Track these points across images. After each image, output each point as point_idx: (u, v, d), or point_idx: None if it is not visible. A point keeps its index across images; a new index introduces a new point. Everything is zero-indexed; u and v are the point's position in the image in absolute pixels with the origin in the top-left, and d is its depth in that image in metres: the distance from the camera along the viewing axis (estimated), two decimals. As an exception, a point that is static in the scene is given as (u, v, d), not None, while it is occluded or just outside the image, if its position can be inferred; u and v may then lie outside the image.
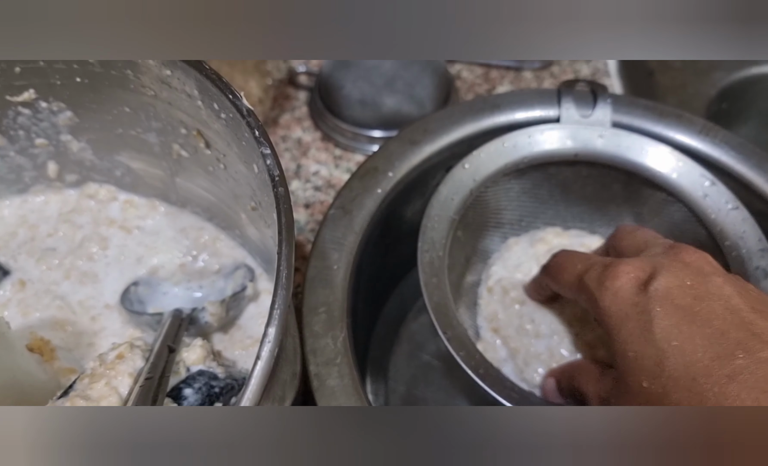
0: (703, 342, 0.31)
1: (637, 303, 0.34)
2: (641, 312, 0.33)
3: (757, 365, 0.29)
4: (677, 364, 0.31)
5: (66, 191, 0.52)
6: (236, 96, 0.35)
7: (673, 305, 0.33)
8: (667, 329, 0.32)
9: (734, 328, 0.31)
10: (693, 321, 0.32)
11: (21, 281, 0.48)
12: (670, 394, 0.31)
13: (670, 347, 0.32)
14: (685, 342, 0.31)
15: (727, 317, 0.32)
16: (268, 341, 0.27)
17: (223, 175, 0.44)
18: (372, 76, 0.65)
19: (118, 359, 0.37)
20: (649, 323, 0.33)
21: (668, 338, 0.32)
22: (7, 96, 0.45)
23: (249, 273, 0.48)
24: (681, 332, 0.32)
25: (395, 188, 0.48)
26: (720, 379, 0.29)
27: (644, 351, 0.33)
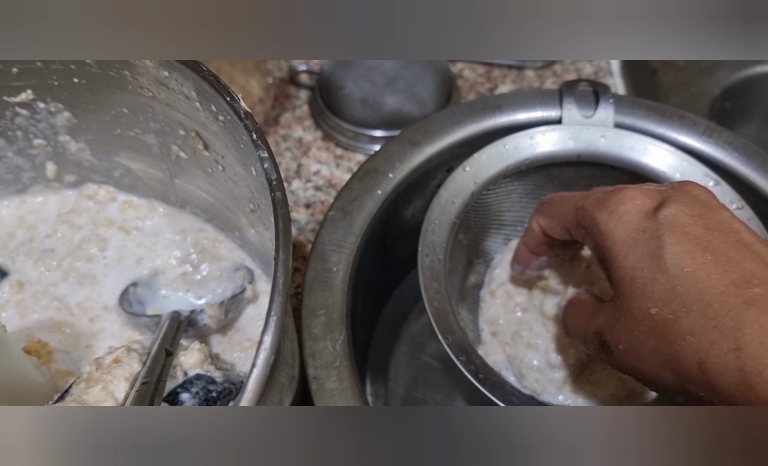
0: (717, 269, 0.30)
1: (646, 228, 0.33)
2: (651, 237, 0.32)
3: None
4: (690, 290, 0.30)
5: (65, 192, 0.52)
6: (234, 98, 0.35)
7: (684, 232, 0.32)
8: (679, 255, 0.31)
9: (748, 259, 0.30)
10: (706, 249, 0.31)
11: (19, 282, 0.48)
12: (681, 320, 0.30)
13: (683, 273, 0.30)
14: (698, 269, 0.30)
15: (740, 249, 0.31)
16: (264, 349, 0.27)
17: (222, 177, 0.44)
18: (373, 75, 0.65)
19: (115, 363, 0.37)
20: (660, 248, 0.32)
21: (680, 264, 0.31)
22: (5, 97, 0.44)
23: (248, 275, 0.48)
24: (694, 258, 0.31)
25: (396, 189, 0.48)
26: (737, 305, 0.29)
27: (654, 277, 0.31)
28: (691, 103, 0.74)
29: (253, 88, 0.64)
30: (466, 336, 0.41)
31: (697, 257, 0.31)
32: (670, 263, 0.31)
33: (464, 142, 0.50)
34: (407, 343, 0.57)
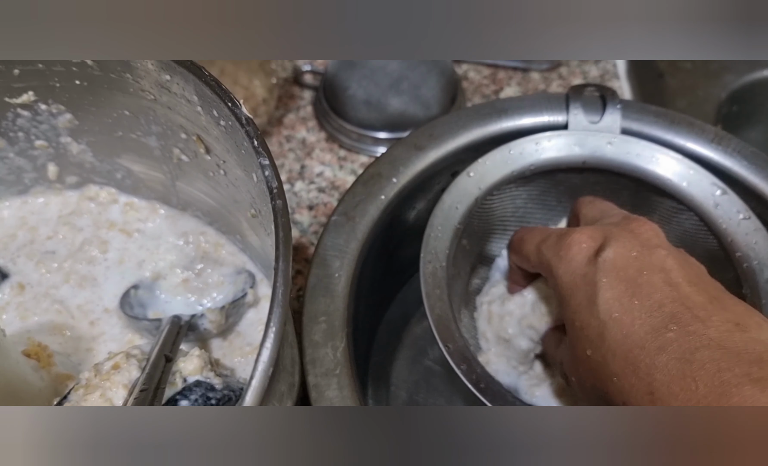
0: (640, 314, 0.32)
1: (586, 274, 0.35)
2: (588, 283, 0.35)
3: (685, 337, 0.31)
4: (616, 335, 0.33)
5: (66, 193, 0.52)
6: (236, 104, 0.35)
7: (617, 276, 0.34)
8: (610, 301, 0.34)
9: (670, 301, 0.32)
10: (634, 294, 0.33)
11: (20, 284, 0.48)
12: (609, 363, 0.33)
13: (611, 319, 0.33)
14: (624, 315, 0.33)
15: (665, 290, 0.33)
16: (263, 361, 0.26)
17: (224, 181, 0.43)
18: (377, 76, 0.65)
19: (114, 370, 0.36)
20: (595, 295, 0.34)
21: (610, 310, 0.33)
22: (6, 98, 0.44)
23: (250, 279, 0.48)
24: (622, 304, 0.33)
25: (399, 194, 0.48)
26: (651, 350, 0.31)
27: (589, 322, 0.34)
28: (698, 107, 0.73)
29: (257, 88, 0.63)
30: (467, 344, 0.41)
31: (624, 303, 0.33)
32: (602, 309, 0.34)
33: (469, 147, 0.50)
34: (409, 347, 0.57)
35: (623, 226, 0.37)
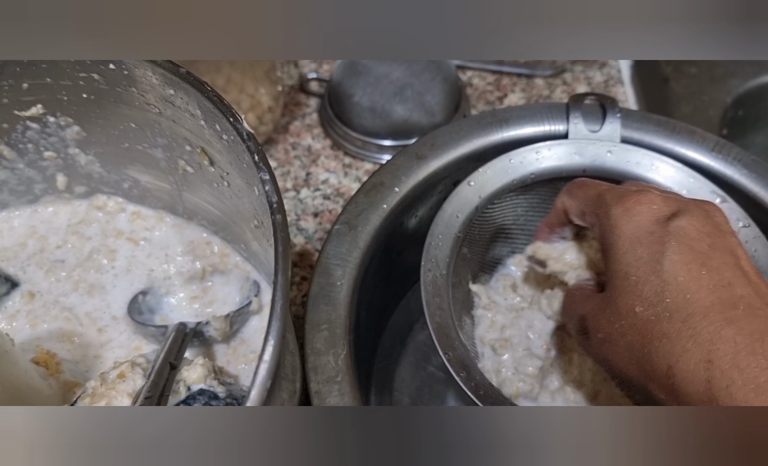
0: (708, 285, 0.32)
1: (653, 232, 0.34)
2: (655, 242, 0.34)
3: (755, 319, 0.30)
4: (678, 298, 0.32)
5: (75, 202, 0.53)
6: (237, 119, 0.35)
7: (688, 244, 0.33)
8: (678, 264, 0.33)
9: (741, 284, 0.32)
10: (704, 265, 0.32)
11: (30, 292, 0.49)
12: (661, 323, 0.32)
13: (675, 281, 0.32)
14: (691, 281, 0.32)
15: (736, 273, 0.32)
16: (261, 375, 0.27)
17: (228, 192, 0.44)
18: (382, 84, 0.65)
19: (119, 379, 0.37)
20: (661, 253, 0.33)
21: (676, 272, 0.32)
22: (16, 111, 0.45)
23: (254, 287, 0.49)
24: (690, 270, 0.32)
25: (401, 203, 0.48)
26: (717, 320, 0.30)
27: (647, 278, 0.33)
28: (703, 112, 0.73)
29: (263, 96, 0.64)
30: (467, 352, 0.41)
31: (693, 270, 0.32)
32: (667, 269, 0.33)
33: (471, 156, 0.51)
34: (413, 353, 0.57)
35: (698, 203, 0.36)
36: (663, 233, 0.34)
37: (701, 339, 0.30)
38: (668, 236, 0.33)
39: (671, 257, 0.33)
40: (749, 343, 0.29)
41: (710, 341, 0.30)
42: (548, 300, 0.47)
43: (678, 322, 0.31)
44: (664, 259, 0.33)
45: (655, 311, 0.32)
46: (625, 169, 0.48)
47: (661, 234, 0.34)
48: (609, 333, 0.35)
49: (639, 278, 0.33)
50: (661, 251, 0.33)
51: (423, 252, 0.45)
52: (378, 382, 0.55)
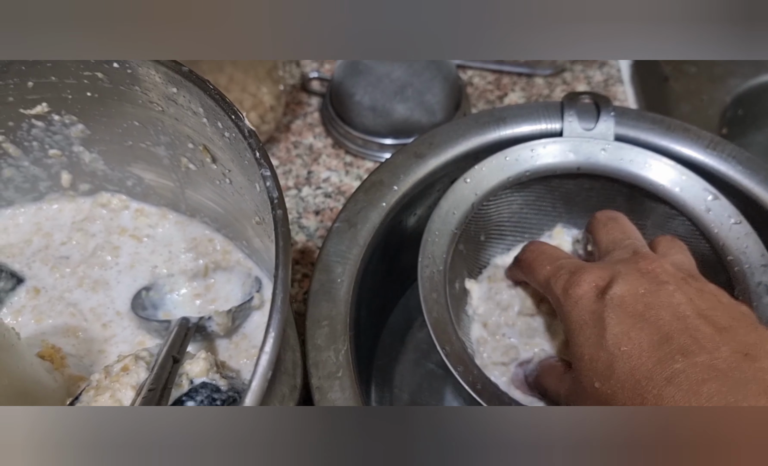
0: (648, 348, 0.34)
1: (594, 310, 0.37)
2: (597, 319, 0.36)
3: (693, 368, 0.32)
4: (624, 368, 0.34)
5: (79, 200, 0.53)
6: (239, 116, 0.36)
7: (625, 312, 0.36)
8: (618, 335, 0.35)
9: (678, 333, 0.34)
10: (642, 328, 0.35)
11: (35, 288, 0.49)
12: (617, 395, 0.34)
13: (620, 352, 0.34)
14: (632, 348, 0.34)
15: (674, 324, 0.34)
16: (262, 365, 0.28)
17: (230, 189, 0.45)
18: (383, 83, 0.66)
19: (123, 372, 0.38)
20: (603, 329, 0.36)
21: (618, 343, 0.35)
22: (21, 109, 0.46)
23: (256, 283, 0.49)
24: (630, 338, 0.35)
25: (400, 201, 0.49)
26: (659, 382, 0.32)
27: (597, 355, 0.35)
28: (703, 111, 0.74)
29: (265, 95, 0.65)
30: (464, 347, 0.42)
31: (633, 336, 0.35)
32: (611, 342, 0.35)
33: (469, 155, 0.51)
34: (412, 350, 0.58)
35: (632, 263, 0.39)
36: (602, 309, 0.36)
37: (649, 403, 0.32)
38: (606, 309, 0.36)
39: (612, 330, 0.35)
40: (687, 399, 0.31)
41: (656, 403, 0.32)
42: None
43: (629, 391, 0.33)
44: (607, 334, 0.35)
45: (610, 385, 0.34)
46: (618, 167, 0.49)
47: (601, 310, 0.36)
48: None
49: (591, 356, 0.36)
50: (603, 326, 0.36)
51: (420, 248, 0.45)
52: (378, 380, 0.56)
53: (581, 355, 0.37)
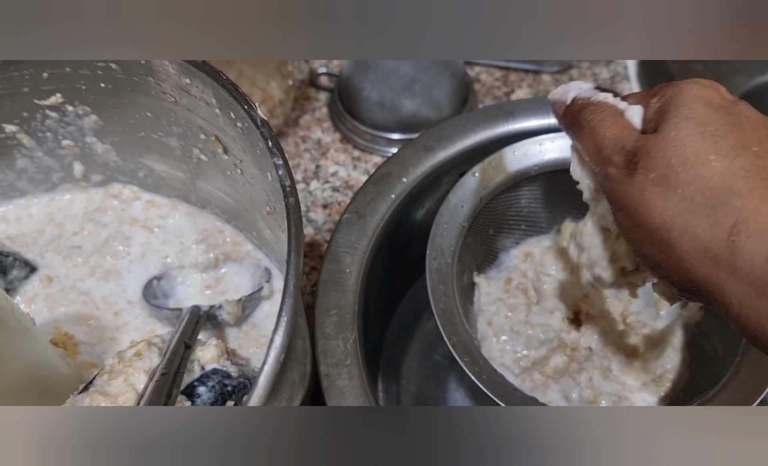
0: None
1: (726, 106, 0.32)
2: (730, 111, 0.32)
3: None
4: (754, 159, 0.30)
5: (91, 190, 0.54)
6: (252, 106, 0.37)
7: (760, 122, 0.32)
8: (753, 132, 0.31)
9: None
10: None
11: (48, 276, 0.50)
12: (736, 179, 0.30)
13: (753, 146, 0.31)
14: (766, 151, 0.31)
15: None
16: (275, 348, 0.28)
17: (241, 180, 0.45)
18: (391, 79, 0.66)
19: (136, 357, 0.39)
20: (738, 119, 0.32)
21: (752, 139, 0.31)
22: (36, 100, 0.47)
23: (266, 274, 0.50)
24: (761, 143, 0.31)
25: (409, 193, 0.50)
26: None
27: (728, 133, 0.31)
28: (708, 109, 0.74)
29: (274, 90, 0.65)
30: (471, 338, 0.43)
31: (764, 146, 0.31)
32: (746, 132, 0.31)
33: (477, 148, 0.52)
34: (420, 342, 0.58)
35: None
36: (735, 109, 0.32)
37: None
38: (739, 112, 0.32)
39: (746, 128, 0.31)
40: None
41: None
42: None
43: (755, 180, 0.29)
44: (742, 126, 0.31)
45: (731, 166, 0.30)
46: (627, 162, 0.49)
47: (734, 109, 0.32)
48: (665, 177, 0.31)
49: (718, 129, 0.31)
50: (738, 118, 0.32)
51: (428, 241, 0.46)
52: (385, 370, 0.57)
53: (703, 122, 0.31)
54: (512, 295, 0.51)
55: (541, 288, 0.53)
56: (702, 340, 0.49)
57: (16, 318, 0.38)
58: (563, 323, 0.50)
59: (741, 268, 0.28)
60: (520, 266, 0.52)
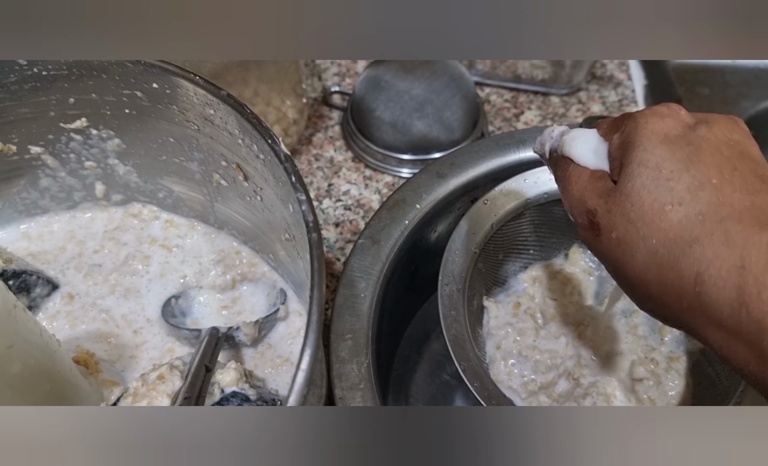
0: (741, 190, 0.30)
1: (684, 135, 0.32)
2: (687, 143, 0.31)
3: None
4: (711, 200, 0.30)
5: (111, 209, 0.56)
6: (275, 141, 0.38)
7: (718, 150, 0.31)
8: (711, 166, 0.31)
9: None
10: (735, 170, 0.31)
11: (70, 294, 0.51)
12: (693, 226, 0.30)
13: (709, 183, 0.30)
14: (724, 184, 0.30)
15: (766, 182, 0.31)
16: (299, 383, 0.30)
17: (260, 206, 0.47)
18: (403, 99, 0.68)
19: (159, 380, 0.40)
20: (694, 154, 0.31)
21: (710, 174, 0.30)
22: (61, 123, 0.48)
23: (282, 295, 0.51)
24: (722, 174, 0.31)
25: (422, 219, 0.51)
26: (750, 225, 0.29)
27: (681, 175, 0.31)
28: (715, 132, 0.75)
29: (289, 109, 0.67)
30: (480, 363, 0.44)
31: (725, 174, 0.30)
32: (701, 169, 0.30)
33: (489, 175, 0.53)
34: (428, 361, 0.60)
35: (718, 116, 0.34)
36: (694, 137, 0.31)
37: (734, 244, 0.28)
38: (698, 139, 0.31)
39: (704, 158, 0.31)
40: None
41: (743, 246, 0.28)
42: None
43: (711, 225, 0.29)
44: (699, 159, 0.31)
45: (687, 213, 0.30)
46: (636, 192, 0.50)
47: (693, 137, 0.31)
48: (627, 234, 0.32)
49: (672, 172, 0.31)
50: (695, 151, 0.31)
51: (440, 267, 0.47)
52: (395, 389, 0.58)
53: (658, 166, 0.31)
54: (521, 319, 0.52)
55: (548, 312, 0.54)
56: (706, 366, 0.50)
57: (44, 341, 0.39)
58: (567, 348, 0.51)
59: (712, 315, 0.29)
60: (529, 290, 0.54)
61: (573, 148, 0.36)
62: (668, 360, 0.51)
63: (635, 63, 0.82)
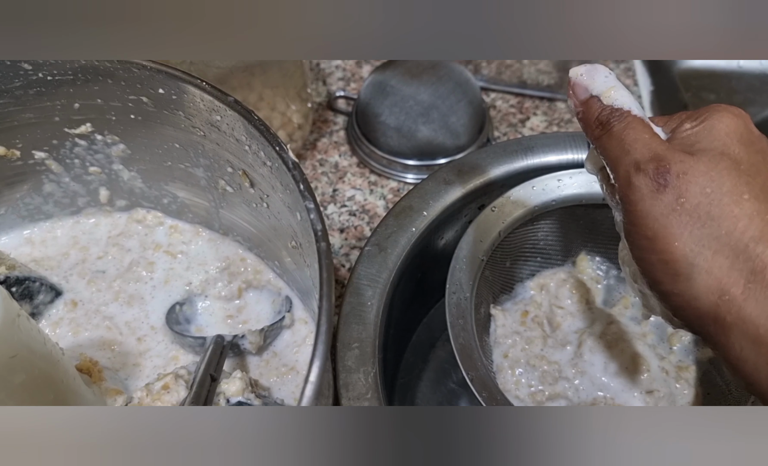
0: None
1: (758, 140, 0.32)
2: (758, 152, 0.31)
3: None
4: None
5: (115, 215, 0.55)
6: (283, 148, 0.38)
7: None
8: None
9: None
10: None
11: (73, 301, 0.51)
12: (764, 215, 0.29)
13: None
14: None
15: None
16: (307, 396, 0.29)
17: (266, 213, 0.46)
18: (408, 105, 0.67)
19: (164, 390, 0.39)
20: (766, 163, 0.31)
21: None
22: (66, 128, 0.48)
23: (287, 303, 0.51)
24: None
25: (429, 226, 0.50)
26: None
27: (760, 171, 0.30)
28: (721, 139, 0.75)
29: (294, 114, 0.66)
30: (488, 372, 0.43)
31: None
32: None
33: (496, 182, 0.53)
34: (434, 369, 0.59)
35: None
36: (759, 146, 0.31)
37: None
38: (764, 151, 0.31)
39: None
40: None
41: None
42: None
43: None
44: (767, 163, 0.30)
45: (759, 209, 0.29)
46: (645, 199, 0.50)
47: (759, 146, 0.31)
48: (698, 206, 0.30)
49: (750, 169, 0.30)
50: (764, 157, 0.31)
51: (448, 275, 0.47)
52: (401, 397, 0.57)
53: (738, 160, 0.30)
54: (529, 328, 0.52)
55: (554, 320, 0.53)
56: (715, 376, 0.50)
57: (48, 350, 0.38)
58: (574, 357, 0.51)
59: (750, 314, 0.28)
60: (536, 297, 0.53)
61: (634, 103, 0.33)
62: (677, 369, 0.50)
63: (641, 69, 0.81)
